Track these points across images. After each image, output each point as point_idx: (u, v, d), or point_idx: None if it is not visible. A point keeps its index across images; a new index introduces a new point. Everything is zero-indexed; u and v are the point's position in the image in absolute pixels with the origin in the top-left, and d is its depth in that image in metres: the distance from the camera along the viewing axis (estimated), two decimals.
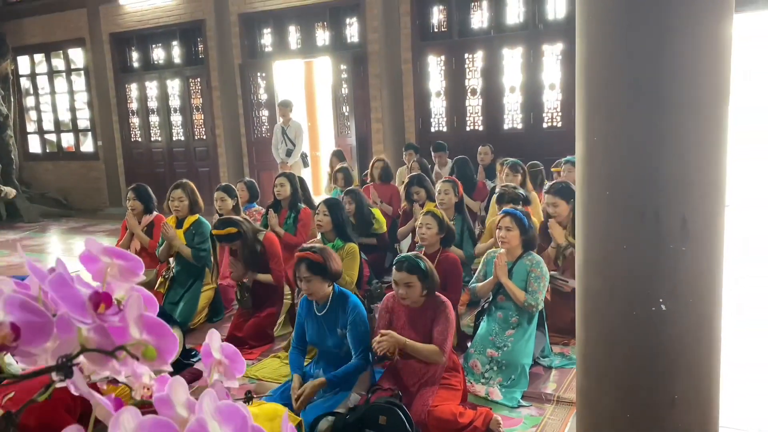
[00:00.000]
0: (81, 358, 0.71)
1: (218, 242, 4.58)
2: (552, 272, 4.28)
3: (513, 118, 8.46)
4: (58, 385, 0.79)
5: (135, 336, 0.71)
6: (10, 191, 6.23)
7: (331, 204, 4.51)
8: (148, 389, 0.85)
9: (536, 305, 3.81)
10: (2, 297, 0.64)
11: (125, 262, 0.82)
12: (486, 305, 4.06)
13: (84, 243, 0.81)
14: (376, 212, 5.84)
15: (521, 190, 5.00)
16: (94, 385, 0.79)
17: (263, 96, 9.96)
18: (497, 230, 4.00)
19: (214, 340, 0.94)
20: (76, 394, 0.78)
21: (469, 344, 4.00)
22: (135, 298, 0.71)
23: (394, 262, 3.39)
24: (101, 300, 0.66)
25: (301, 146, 8.68)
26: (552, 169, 6.43)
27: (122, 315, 0.68)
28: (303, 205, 5.81)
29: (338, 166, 7.06)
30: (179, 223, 5.06)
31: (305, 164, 8.91)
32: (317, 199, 6.42)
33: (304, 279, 3.36)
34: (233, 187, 5.48)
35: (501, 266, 3.89)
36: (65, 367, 0.65)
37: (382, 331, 3.23)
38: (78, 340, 0.71)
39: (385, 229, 5.83)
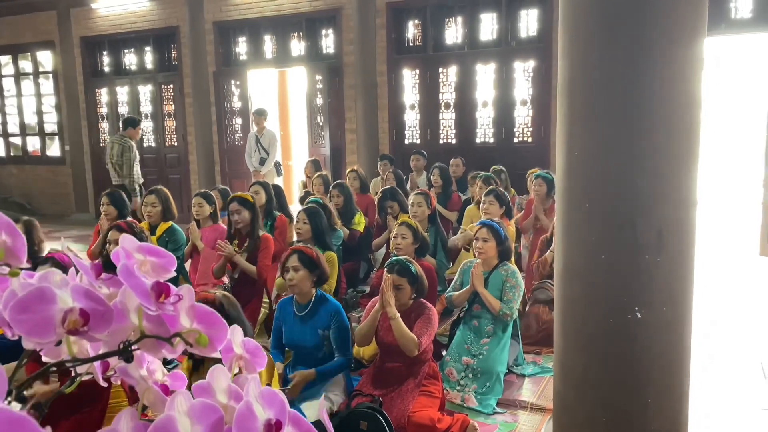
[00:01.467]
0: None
1: (231, 202, 4.72)
2: (545, 281, 4.49)
3: (485, 132, 8.63)
4: (86, 377, 0.84)
5: (185, 325, 0.76)
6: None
7: (311, 212, 4.56)
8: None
9: (511, 314, 3.91)
10: (69, 286, 0.69)
11: (158, 258, 0.86)
12: (461, 314, 4.15)
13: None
14: (360, 215, 5.99)
15: (507, 196, 5.21)
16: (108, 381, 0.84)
17: (237, 104, 9.95)
18: (474, 241, 4.10)
19: (236, 335, 0.98)
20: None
21: (444, 352, 4.07)
22: (187, 290, 0.76)
23: (385, 265, 3.46)
24: (162, 290, 0.71)
25: (275, 155, 8.71)
26: (527, 176, 6.65)
27: (175, 305, 0.73)
28: (278, 213, 5.84)
29: (317, 174, 7.11)
30: (152, 230, 5.04)
31: (279, 173, 8.93)
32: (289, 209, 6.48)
33: (292, 268, 3.45)
34: (212, 193, 5.48)
35: (477, 276, 3.99)
36: (127, 352, 0.70)
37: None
38: (130, 328, 0.76)
39: (362, 228, 5.95)
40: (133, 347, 0.71)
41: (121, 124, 8.11)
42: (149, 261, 0.85)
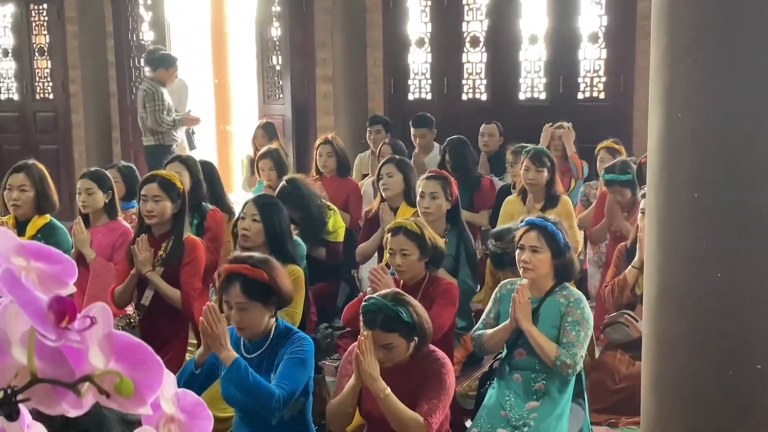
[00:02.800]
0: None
1: (148, 183, 4.66)
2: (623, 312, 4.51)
3: (533, 83, 8.66)
4: None
5: (97, 364, 0.77)
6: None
7: (265, 204, 4.55)
8: None
9: (573, 365, 3.91)
10: None
11: (49, 265, 0.87)
12: (496, 364, 4.17)
13: None
14: (335, 216, 5.89)
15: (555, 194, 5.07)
16: None
17: (148, 35, 9.97)
18: (518, 251, 4.10)
19: (166, 386, 0.99)
20: None
21: (469, 423, 4.09)
22: (102, 310, 0.77)
23: (361, 310, 3.37)
24: (66, 310, 0.72)
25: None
26: (596, 151, 6.64)
27: (84, 333, 0.74)
28: (210, 207, 5.82)
29: (265, 148, 7.09)
30: (20, 228, 5.03)
31: (191, 145, 8.88)
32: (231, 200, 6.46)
33: (237, 307, 3.38)
34: (107, 174, 5.47)
35: (522, 305, 3.98)
36: (10, 404, 0.71)
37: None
38: (13, 367, 0.77)
39: (341, 237, 5.87)
40: (19, 396, 0.72)
41: (148, 64, 8.74)
42: (35, 268, 0.85)
